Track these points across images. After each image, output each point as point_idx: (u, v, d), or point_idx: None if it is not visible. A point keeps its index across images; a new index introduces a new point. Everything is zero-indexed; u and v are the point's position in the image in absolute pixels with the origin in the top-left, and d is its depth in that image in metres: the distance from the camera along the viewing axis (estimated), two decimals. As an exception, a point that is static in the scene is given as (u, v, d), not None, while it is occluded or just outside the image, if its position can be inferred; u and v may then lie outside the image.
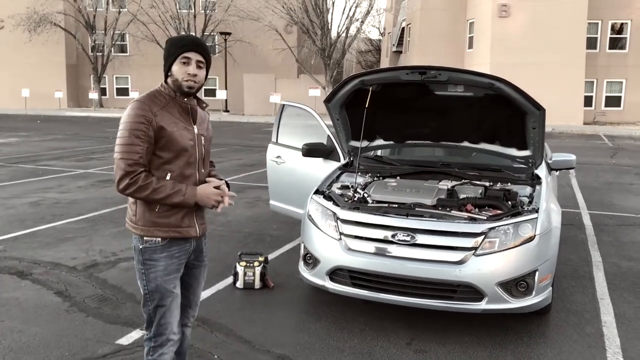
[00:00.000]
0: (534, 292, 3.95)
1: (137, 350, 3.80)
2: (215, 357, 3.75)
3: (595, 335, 4.17)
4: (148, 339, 2.76)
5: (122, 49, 39.33)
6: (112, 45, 37.10)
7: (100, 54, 37.16)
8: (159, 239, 2.65)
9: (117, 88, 40.16)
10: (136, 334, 4.04)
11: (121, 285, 5.03)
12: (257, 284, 4.95)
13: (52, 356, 3.72)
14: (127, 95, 38.54)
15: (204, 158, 2.80)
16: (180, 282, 2.79)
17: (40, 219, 7.43)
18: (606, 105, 30.86)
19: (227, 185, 2.83)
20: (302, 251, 4.54)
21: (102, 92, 38.69)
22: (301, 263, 4.54)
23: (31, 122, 26.80)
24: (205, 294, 4.78)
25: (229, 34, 34.34)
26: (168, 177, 2.63)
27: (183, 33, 35.05)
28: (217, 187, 2.73)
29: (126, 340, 3.96)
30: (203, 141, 2.79)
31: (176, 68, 2.67)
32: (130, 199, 2.68)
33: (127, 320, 4.28)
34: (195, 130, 2.74)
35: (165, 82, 2.74)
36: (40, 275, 5.25)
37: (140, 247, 2.67)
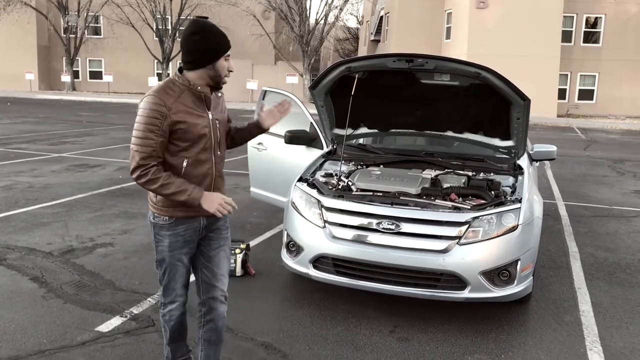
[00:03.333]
0: (515, 282, 3.98)
1: (118, 337, 3.75)
2: (198, 344, 3.70)
3: (573, 324, 4.24)
4: (159, 295, 3.06)
5: (96, 31, 38.52)
6: (86, 27, 36.28)
7: (73, 35, 36.30)
8: (167, 217, 2.83)
9: (90, 71, 39.34)
10: (116, 321, 3.98)
11: (99, 271, 4.94)
12: (239, 272, 4.91)
13: (29, 343, 3.63)
14: (101, 78, 37.81)
15: (220, 141, 2.91)
16: (202, 257, 2.99)
17: (13, 204, 7.26)
18: (579, 98, 31.35)
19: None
20: (285, 239, 4.50)
21: (75, 75, 37.87)
22: (284, 251, 4.51)
23: (1, 104, 26.14)
24: (185, 281, 4.73)
25: (206, 18, 33.63)
26: (184, 164, 2.76)
27: (159, 16, 34.58)
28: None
29: (106, 327, 3.89)
30: (218, 125, 2.89)
31: (222, 64, 2.77)
32: None
33: (107, 307, 4.20)
34: (210, 116, 2.84)
35: (180, 72, 2.79)
36: (15, 261, 5.13)
37: (152, 221, 2.90)
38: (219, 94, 2.97)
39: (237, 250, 4.94)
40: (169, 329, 3.08)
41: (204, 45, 2.73)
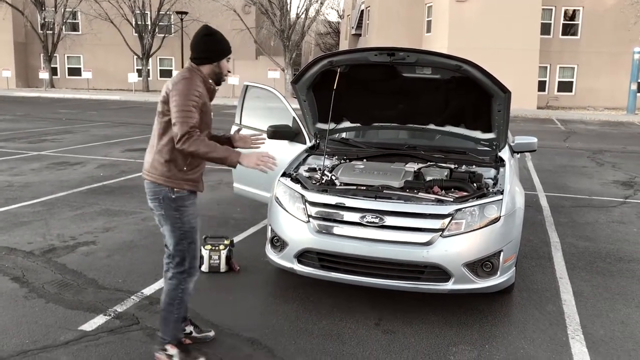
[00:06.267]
0: (498, 272, 4.02)
1: (102, 336, 3.72)
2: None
3: (556, 313, 4.29)
4: (180, 272, 3.31)
5: (74, 28, 37.99)
6: (63, 23, 35.75)
7: (51, 32, 35.77)
8: (185, 190, 3.24)
9: (68, 68, 38.83)
10: (100, 320, 3.94)
11: (82, 270, 4.89)
12: (223, 268, 4.90)
13: (11, 343, 3.59)
14: (80, 75, 37.32)
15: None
16: None
17: (-8, 203, 7.15)
18: (559, 90, 31.70)
19: None
20: (269, 234, 4.50)
21: (53, 71, 37.32)
22: (268, 246, 4.50)
23: (-22, 102, 25.70)
24: (169, 278, 4.70)
25: (186, 13, 33.58)
26: None
27: (138, 12, 34.21)
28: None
29: (89, 326, 3.86)
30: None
31: (224, 64, 3.34)
32: (161, 159, 3.20)
33: (90, 306, 4.16)
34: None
35: (196, 65, 3.27)
36: (-5, 261, 5.06)
37: (173, 196, 3.22)
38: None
39: (221, 247, 4.93)
40: (184, 304, 3.39)
41: (215, 46, 3.29)
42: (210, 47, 3.28)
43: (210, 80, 3.29)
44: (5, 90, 33.54)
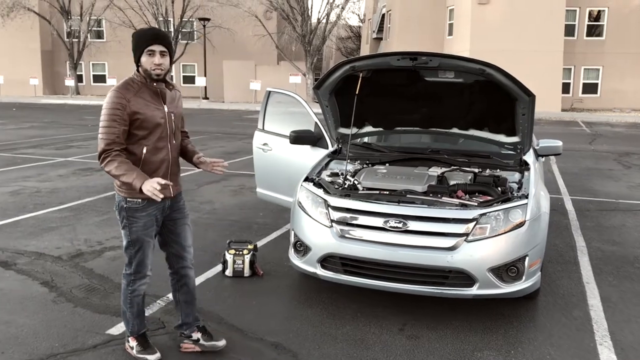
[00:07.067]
0: (524, 277, 3.98)
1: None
2: (208, 345, 3.72)
3: (583, 318, 4.23)
4: (128, 274, 3.44)
5: (99, 35, 38.63)
6: (89, 31, 36.39)
7: (76, 40, 36.43)
8: (139, 200, 3.27)
9: (94, 75, 39.48)
10: (126, 324, 3.99)
11: (108, 274, 4.97)
12: (247, 272, 4.93)
13: (41, 347, 3.66)
14: (105, 82, 37.92)
15: (175, 132, 3.39)
16: (171, 234, 3.50)
17: (21, 208, 7.30)
18: (583, 92, 31.25)
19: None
20: (292, 239, 4.52)
21: (79, 79, 38.00)
22: (291, 250, 4.52)
23: (6, 109, 26.25)
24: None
25: (208, 19, 33.94)
26: (144, 151, 3.23)
27: (161, 19, 34.67)
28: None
29: (116, 330, 3.91)
30: (173, 117, 3.36)
31: (144, 59, 3.21)
32: None
33: (117, 310, 4.22)
34: (166, 109, 3.31)
35: (138, 70, 3.27)
36: (25, 266, 5.16)
37: (125, 206, 3.30)
38: (177, 90, 3.45)
39: (245, 251, 4.96)
40: (136, 304, 3.48)
41: (133, 47, 3.24)
42: (132, 50, 3.27)
43: (155, 84, 3.26)
44: (32, 98, 34.22)
